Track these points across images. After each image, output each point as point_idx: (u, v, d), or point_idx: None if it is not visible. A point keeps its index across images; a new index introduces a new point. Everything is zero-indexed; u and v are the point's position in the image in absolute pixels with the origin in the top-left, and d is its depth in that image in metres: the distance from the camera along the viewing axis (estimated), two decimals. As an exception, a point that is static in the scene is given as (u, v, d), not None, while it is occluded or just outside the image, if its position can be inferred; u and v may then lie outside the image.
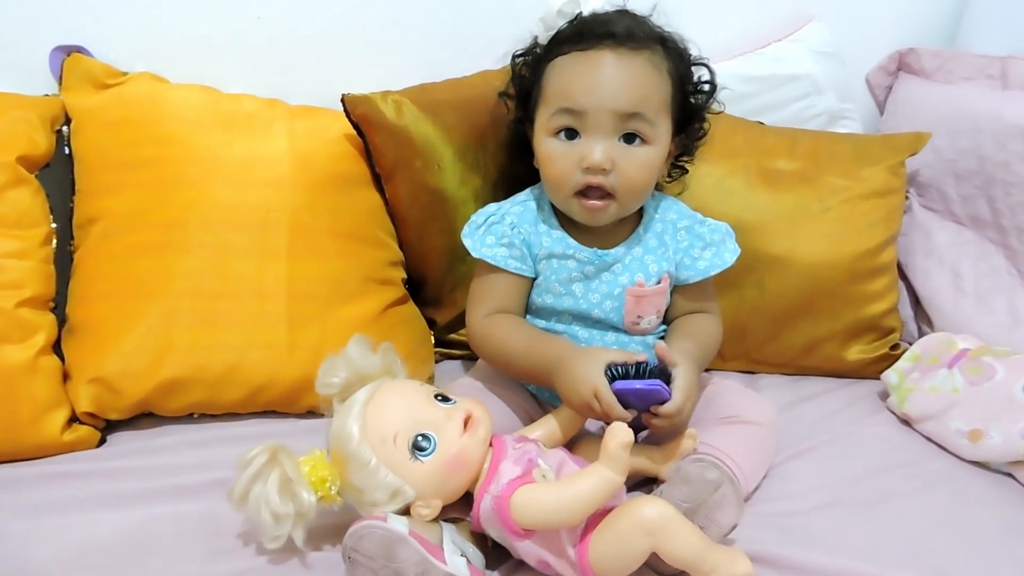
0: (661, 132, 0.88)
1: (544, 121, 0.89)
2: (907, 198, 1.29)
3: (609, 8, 0.93)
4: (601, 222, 0.91)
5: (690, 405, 0.82)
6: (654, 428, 0.82)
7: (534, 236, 0.94)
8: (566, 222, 0.94)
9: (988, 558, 0.81)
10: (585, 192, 0.88)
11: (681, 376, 0.80)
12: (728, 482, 0.76)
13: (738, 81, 1.26)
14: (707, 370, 1.02)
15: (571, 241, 0.93)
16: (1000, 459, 0.93)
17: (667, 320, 0.98)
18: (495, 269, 0.93)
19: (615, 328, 0.94)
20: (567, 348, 0.87)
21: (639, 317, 0.93)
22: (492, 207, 0.96)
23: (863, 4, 1.35)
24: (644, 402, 0.80)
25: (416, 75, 1.12)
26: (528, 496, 0.73)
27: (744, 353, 1.16)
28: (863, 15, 1.36)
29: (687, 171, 1.02)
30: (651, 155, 0.88)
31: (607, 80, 0.86)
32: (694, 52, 0.95)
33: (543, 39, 0.94)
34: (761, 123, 1.25)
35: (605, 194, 0.88)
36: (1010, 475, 0.94)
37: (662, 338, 0.93)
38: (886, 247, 1.15)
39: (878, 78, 1.40)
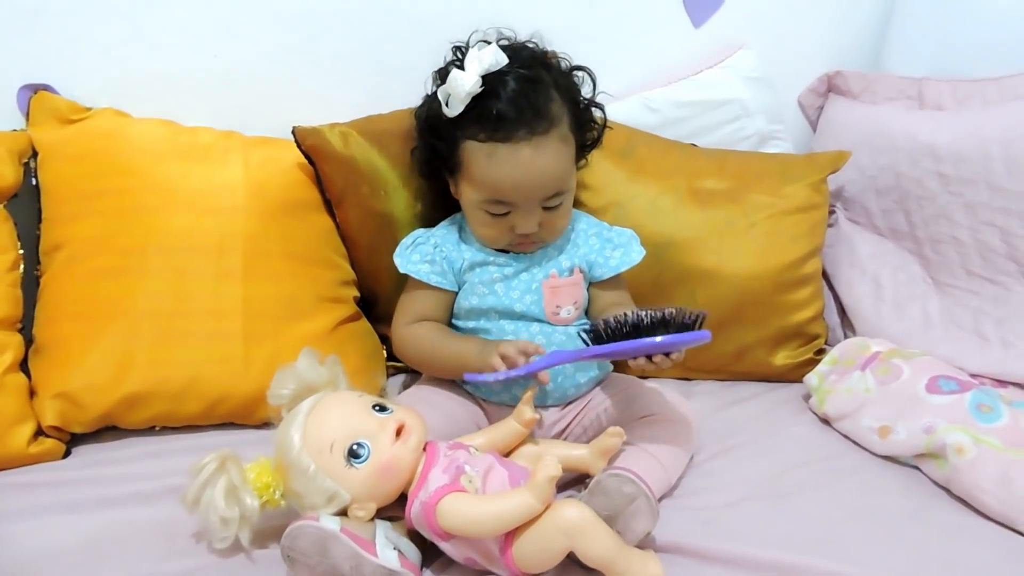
0: (572, 182, 0.99)
1: (471, 196, 0.97)
2: (834, 212, 1.37)
3: (503, 73, 0.92)
4: (532, 251, 1.03)
5: None
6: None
7: (455, 253, 1.03)
8: None
9: (894, 543, 0.86)
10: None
11: None
12: (643, 496, 0.82)
13: (672, 106, 1.34)
14: (643, 376, 1.08)
15: (488, 251, 1.02)
16: (907, 453, 0.99)
17: (590, 315, 1.06)
18: (420, 284, 1.02)
19: (538, 320, 1.02)
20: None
21: (558, 307, 1.01)
22: (419, 231, 1.06)
23: (790, 30, 1.42)
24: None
25: (365, 106, 1.18)
26: (452, 505, 0.78)
27: (680, 361, 1.22)
28: (791, 41, 1.43)
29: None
30: (568, 201, 0.99)
31: (532, 176, 0.93)
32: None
33: (448, 111, 0.94)
34: (694, 145, 1.33)
35: (535, 240, 1.00)
36: (916, 467, 0.99)
37: (587, 331, 0.99)
38: (810, 259, 1.22)
39: (809, 99, 1.47)
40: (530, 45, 1.00)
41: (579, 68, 1.02)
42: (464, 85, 0.91)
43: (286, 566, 0.79)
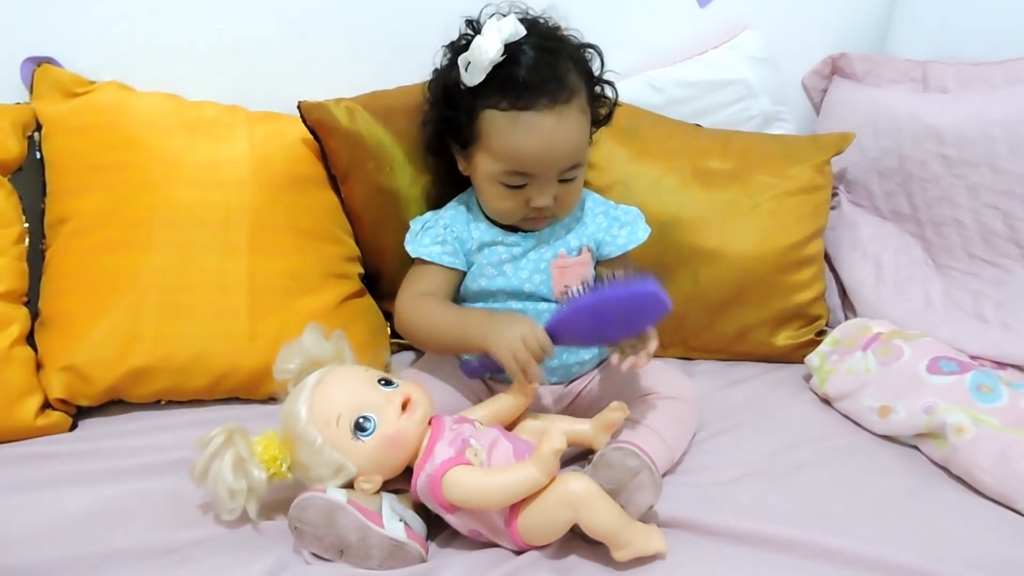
0: (588, 150, 0.99)
1: (488, 168, 0.96)
2: (836, 194, 1.37)
3: (522, 43, 0.92)
4: (541, 229, 1.01)
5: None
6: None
7: (465, 233, 1.02)
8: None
9: (890, 520, 0.87)
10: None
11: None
12: (646, 469, 0.82)
13: (677, 86, 1.34)
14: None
15: (497, 230, 1.01)
16: (906, 432, 1.00)
17: None
18: (430, 263, 1.01)
19: (546, 300, 1.01)
20: (498, 311, 0.99)
21: (566, 287, 1.00)
22: (427, 216, 1.05)
23: (796, 12, 1.43)
24: (630, 313, 0.87)
25: (370, 82, 1.18)
26: (458, 478, 0.79)
27: (681, 341, 1.23)
28: (796, 22, 1.43)
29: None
30: (582, 175, 0.99)
31: (554, 146, 0.92)
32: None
33: (468, 79, 0.93)
34: (698, 125, 1.33)
35: (549, 215, 0.99)
36: (915, 447, 1.01)
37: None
38: (812, 240, 1.23)
39: (813, 81, 1.47)
40: (542, 19, 0.99)
41: (588, 46, 1.01)
42: (487, 52, 0.90)
43: (293, 537, 0.80)
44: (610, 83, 1.03)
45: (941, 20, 1.38)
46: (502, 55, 0.90)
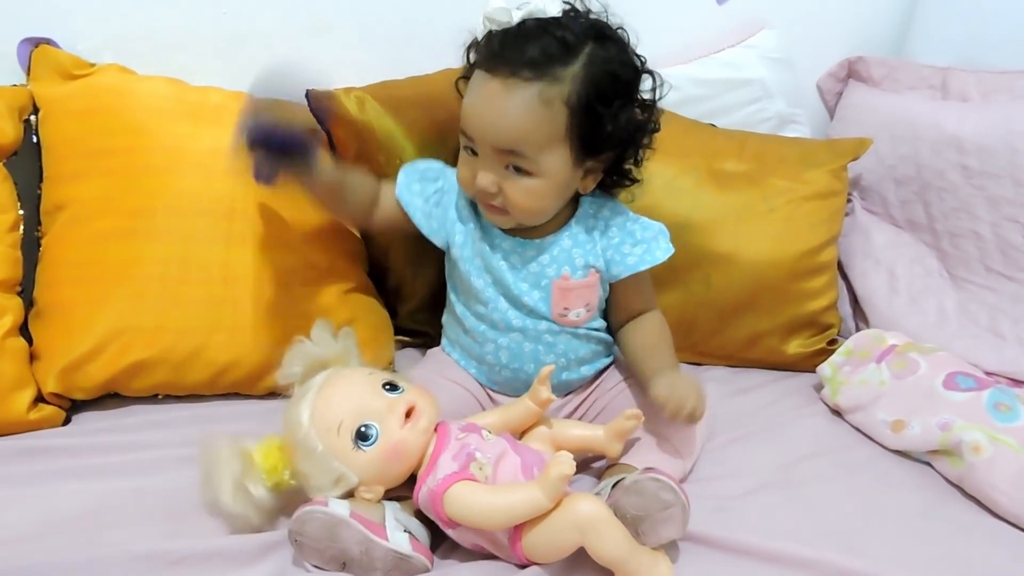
0: (549, 164, 0.87)
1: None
2: (850, 201, 1.35)
3: (542, 16, 0.88)
4: (505, 226, 0.94)
5: (690, 397, 0.86)
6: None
7: (455, 212, 0.98)
8: None
9: (903, 538, 0.86)
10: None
11: (662, 386, 0.86)
12: (680, 506, 0.78)
13: (692, 84, 1.32)
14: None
15: (496, 230, 0.96)
16: (920, 448, 0.99)
17: (609, 318, 1.01)
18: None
19: (545, 318, 0.96)
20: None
21: (566, 309, 0.95)
22: (438, 165, 1.02)
23: (814, 12, 1.41)
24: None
25: (380, 71, 1.15)
26: (460, 495, 0.76)
27: (691, 346, 1.21)
28: (814, 23, 1.41)
29: (635, 181, 0.98)
30: (537, 185, 0.88)
31: (488, 114, 0.86)
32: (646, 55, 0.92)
33: (479, 36, 0.91)
34: (713, 125, 1.30)
35: (500, 208, 0.91)
36: (928, 464, 0.99)
37: (596, 330, 0.97)
38: (827, 247, 1.21)
39: (828, 84, 1.45)
40: (593, 16, 0.90)
41: (646, 71, 0.91)
42: (492, 3, 0.88)
43: (294, 550, 0.78)
44: (648, 126, 0.92)
45: (961, 26, 1.36)
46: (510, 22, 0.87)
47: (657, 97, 0.92)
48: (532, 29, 0.87)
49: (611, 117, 0.87)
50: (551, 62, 0.84)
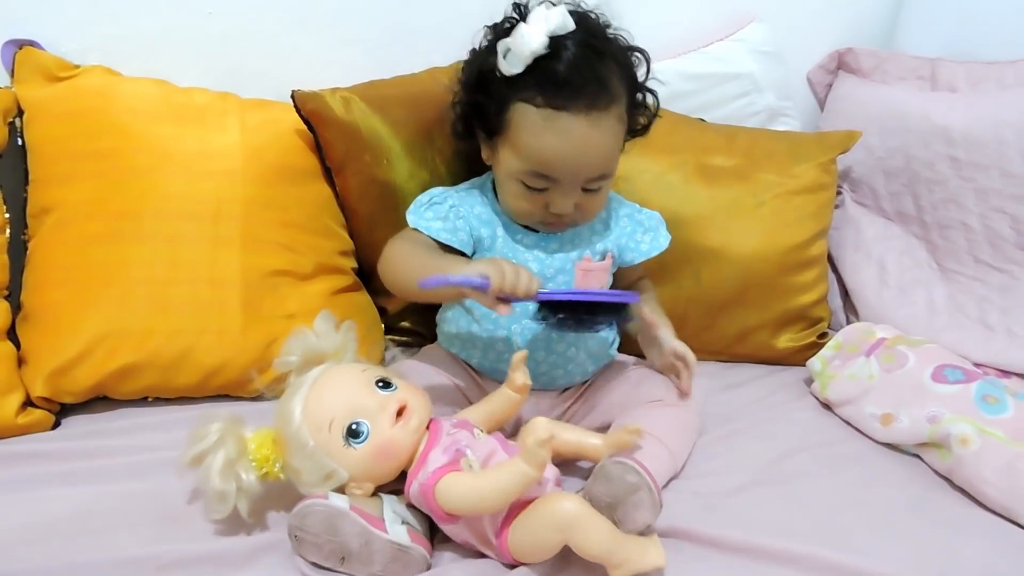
0: (616, 166, 0.92)
1: (511, 164, 0.90)
2: (840, 194, 1.35)
3: (567, 38, 0.87)
4: (558, 233, 0.97)
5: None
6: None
7: (476, 220, 0.97)
8: None
9: (892, 532, 0.86)
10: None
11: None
12: (645, 488, 0.78)
13: (681, 79, 1.31)
14: (643, 357, 1.07)
15: (516, 226, 0.97)
16: (909, 441, 0.99)
17: None
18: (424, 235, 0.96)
19: None
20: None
21: None
22: (436, 190, 1.00)
23: (802, 5, 1.40)
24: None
25: (366, 70, 1.15)
26: (450, 485, 0.76)
27: (682, 341, 1.21)
28: (803, 16, 1.41)
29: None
30: (608, 187, 0.93)
31: (584, 153, 0.87)
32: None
33: (505, 67, 0.87)
34: (702, 120, 1.30)
35: (567, 222, 0.94)
36: (918, 456, 0.99)
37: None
38: (816, 241, 1.21)
39: (818, 76, 1.45)
40: (592, 15, 0.92)
41: (636, 49, 0.94)
42: (530, 43, 0.84)
43: (292, 545, 0.78)
44: (653, 92, 0.97)
45: (951, 17, 1.36)
46: (546, 48, 0.85)
47: (649, 76, 0.97)
48: (579, 53, 0.86)
49: (642, 100, 0.94)
50: (611, 79, 0.87)
